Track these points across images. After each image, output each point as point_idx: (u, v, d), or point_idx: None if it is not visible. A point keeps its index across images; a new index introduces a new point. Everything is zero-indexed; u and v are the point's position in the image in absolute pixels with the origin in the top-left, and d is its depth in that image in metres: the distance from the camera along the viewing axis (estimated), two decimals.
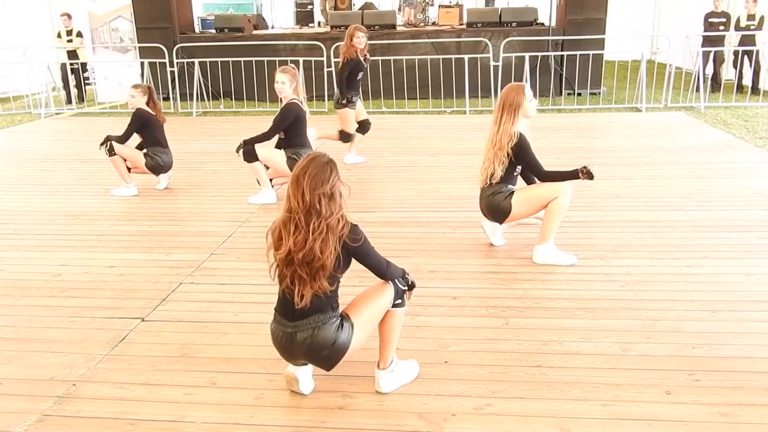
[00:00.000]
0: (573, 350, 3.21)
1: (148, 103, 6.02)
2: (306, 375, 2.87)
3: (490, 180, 4.32)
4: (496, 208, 4.36)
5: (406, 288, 2.87)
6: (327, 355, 2.72)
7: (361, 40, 6.69)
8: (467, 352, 3.21)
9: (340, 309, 2.81)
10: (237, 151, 5.67)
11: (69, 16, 12.17)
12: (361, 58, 6.78)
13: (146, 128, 6.04)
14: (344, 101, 6.81)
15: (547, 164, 4.29)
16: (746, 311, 3.56)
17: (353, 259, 2.77)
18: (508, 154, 4.19)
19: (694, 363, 3.06)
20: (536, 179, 4.39)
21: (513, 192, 4.32)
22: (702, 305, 3.63)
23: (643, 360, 3.10)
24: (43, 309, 3.81)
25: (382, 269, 2.83)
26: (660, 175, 6.30)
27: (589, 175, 4.08)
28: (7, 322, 3.66)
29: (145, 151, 6.10)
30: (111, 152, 5.94)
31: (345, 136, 7.01)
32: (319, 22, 15.13)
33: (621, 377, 2.96)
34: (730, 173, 6.31)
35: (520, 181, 4.47)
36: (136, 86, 6.06)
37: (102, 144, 5.98)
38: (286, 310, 2.74)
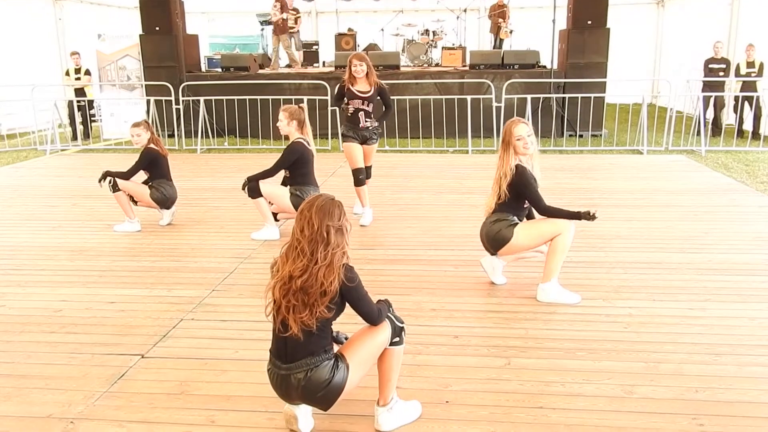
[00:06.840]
0: (575, 392, 3.18)
1: (150, 139, 6.10)
2: (305, 413, 2.84)
3: (494, 209, 4.36)
4: (495, 235, 4.35)
5: (403, 325, 2.85)
6: (322, 396, 2.70)
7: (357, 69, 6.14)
8: (469, 392, 3.19)
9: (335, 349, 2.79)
10: (243, 189, 5.72)
11: (79, 55, 12.40)
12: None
13: (154, 166, 6.12)
14: None
15: (550, 203, 4.30)
16: (749, 355, 3.54)
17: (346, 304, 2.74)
18: (508, 186, 4.23)
19: (697, 407, 3.03)
20: (537, 215, 4.42)
21: (517, 224, 4.34)
22: (705, 348, 3.61)
23: (647, 403, 3.07)
24: (42, 345, 3.79)
25: (373, 316, 2.79)
26: (661, 217, 6.32)
27: (591, 218, 4.12)
28: (5, 359, 3.64)
29: (150, 183, 6.15)
30: (115, 188, 5.99)
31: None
32: (323, 62, 15.31)
33: (624, 420, 2.93)
34: (731, 216, 6.33)
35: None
36: (137, 125, 6.12)
37: (101, 179, 6.01)
38: (279, 351, 2.72)
